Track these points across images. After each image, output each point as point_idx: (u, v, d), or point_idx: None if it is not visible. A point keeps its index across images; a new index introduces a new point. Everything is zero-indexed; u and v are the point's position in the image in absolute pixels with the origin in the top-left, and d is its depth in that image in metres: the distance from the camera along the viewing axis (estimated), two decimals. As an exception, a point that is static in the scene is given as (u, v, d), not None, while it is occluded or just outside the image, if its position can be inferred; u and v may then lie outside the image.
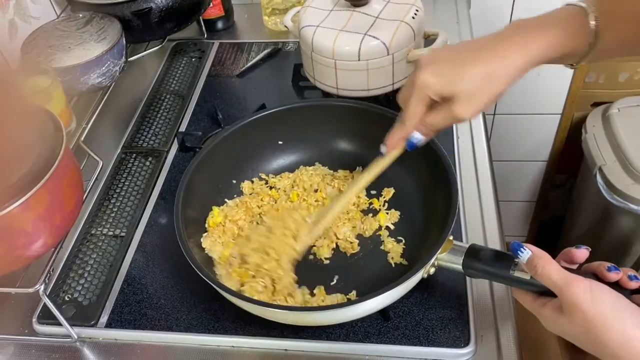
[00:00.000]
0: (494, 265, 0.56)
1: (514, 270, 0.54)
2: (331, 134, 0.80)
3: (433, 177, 0.69)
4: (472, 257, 0.58)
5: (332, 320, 0.62)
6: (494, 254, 0.57)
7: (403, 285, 0.58)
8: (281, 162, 0.81)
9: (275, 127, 0.78)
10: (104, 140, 0.91)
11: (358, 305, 0.57)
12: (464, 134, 0.86)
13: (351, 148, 0.80)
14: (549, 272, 0.49)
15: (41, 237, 0.57)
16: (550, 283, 0.49)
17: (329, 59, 0.83)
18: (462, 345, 0.61)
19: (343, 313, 0.59)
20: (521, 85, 1.33)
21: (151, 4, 0.91)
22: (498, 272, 0.55)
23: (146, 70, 1.05)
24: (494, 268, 0.56)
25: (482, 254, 0.57)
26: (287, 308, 0.61)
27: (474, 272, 0.58)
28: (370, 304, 0.57)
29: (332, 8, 0.88)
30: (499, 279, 0.56)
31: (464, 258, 0.58)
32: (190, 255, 0.61)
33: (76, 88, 0.81)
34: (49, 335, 0.67)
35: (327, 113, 0.79)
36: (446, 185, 0.65)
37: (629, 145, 1.23)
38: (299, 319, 0.61)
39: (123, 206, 0.79)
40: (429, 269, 0.60)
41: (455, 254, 0.58)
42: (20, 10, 0.89)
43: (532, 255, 0.51)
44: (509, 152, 1.51)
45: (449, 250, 0.59)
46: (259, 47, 1.07)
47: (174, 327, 0.65)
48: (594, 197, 1.29)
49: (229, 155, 0.76)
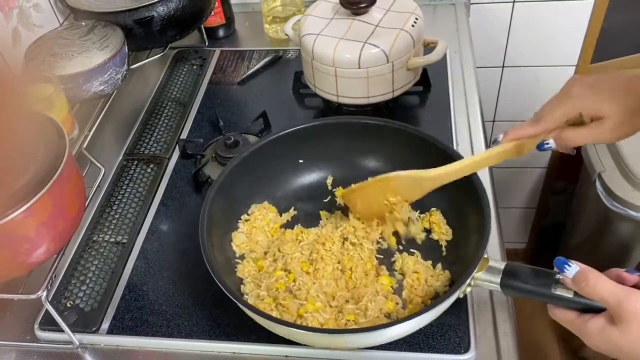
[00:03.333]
0: (534, 283, 0.54)
1: (555, 288, 0.53)
2: (353, 152, 0.78)
3: (463, 195, 0.68)
4: (510, 276, 0.56)
5: (364, 343, 0.60)
6: (533, 272, 0.55)
7: (441, 307, 0.57)
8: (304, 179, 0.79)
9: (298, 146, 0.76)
10: (106, 147, 0.91)
11: (394, 328, 0.56)
12: (463, 140, 0.86)
13: (375, 165, 0.78)
14: (603, 285, 0.48)
15: (44, 244, 0.58)
16: (605, 294, 0.48)
17: (329, 66, 0.84)
18: (462, 351, 0.61)
19: (377, 336, 0.58)
20: (520, 92, 1.35)
21: (153, 12, 0.92)
22: (539, 290, 0.54)
23: (148, 77, 1.05)
24: (534, 286, 0.54)
25: (520, 272, 0.56)
26: (321, 331, 0.60)
27: (512, 291, 0.56)
28: (407, 325, 0.56)
29: (333, 16, 0.88)
30: (540, 297, 0.55)
31: (501, 277, 0.56)
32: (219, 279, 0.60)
33: (79, 96, 0.82)
34: (50, 341, 0.67)
35: (343, 130, 0.77)
36: (477, 203, 0.64)
37: (628, 152, 1.23)
38: (332, 342, 0.60)
39: (125, 213, 0.80)
40: (465, 289, 0.59)
41: (493, 272, 0.57)
42: (23, 18, 0.90)
43: (580, 270, 0.50)
44: (508, 159, 1.51)
45: (485, 270, 0.57)
46: (259, 55, 1.07)
47: (175, 334, 0.66)
48: (593, 204, 1.29)
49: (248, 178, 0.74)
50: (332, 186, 0.78)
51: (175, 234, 0.77)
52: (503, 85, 1.35)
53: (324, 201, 0.77)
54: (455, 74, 0.98)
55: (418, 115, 0.93)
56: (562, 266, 0.51)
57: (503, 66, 1.32)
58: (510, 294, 0.58)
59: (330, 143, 0.77)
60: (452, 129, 0.87)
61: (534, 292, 0.55)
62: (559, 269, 0.51)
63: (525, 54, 1.29)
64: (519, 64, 1.31)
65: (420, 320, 0.57)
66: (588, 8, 1.19)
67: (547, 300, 0.54)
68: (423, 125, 0.90)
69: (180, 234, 0.77)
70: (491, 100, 1.38)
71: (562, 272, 0.51)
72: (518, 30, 1.25)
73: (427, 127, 0.88)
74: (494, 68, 1.32)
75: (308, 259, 0.69)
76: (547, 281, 0.53)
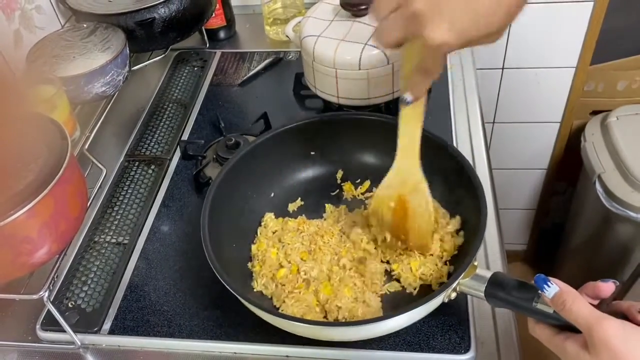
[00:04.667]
0: (517, 296, 0.54)
1: (537, 302, 0.53)
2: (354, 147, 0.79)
3: (459, 194, 0.69)
4: (495, 286, 0.56)
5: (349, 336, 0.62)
6: (517, 284, 0.55)
7: (423, 308, 0.57)
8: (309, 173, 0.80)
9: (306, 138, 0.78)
10: (107, 148, 0.92)
11: (381, 324, 0.57)
12: (463, 142, 0.87)
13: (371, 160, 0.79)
14: (578, 309, 0.47)
15: (46, 244, 0.58)
16: (579, 320, 0.47)
17: (330, 68, 0.84)
18: (462, 351, 0.61)
19: (369, 329, 0.59)
20: (520, 93, 1.36)
21: (154, 14, 0.92)
22: (520, 303, 0.54)
23: (149, 79, 1.06)
24: (516, 299, 0.54)
25: (505, 283, 0.56)
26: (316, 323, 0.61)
27: (496, 300, 0.57)
28: (391, 323, 0.57)
29: (333, 18, 0.89)
30: (521, 309, 0.55)
31: (486, 286, 0.57)
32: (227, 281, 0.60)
33: (80, 97, 0.82)
34: (52, 341, 0.68)
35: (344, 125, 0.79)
36: (475, 207, 0.64)
37: (628, 154, 1.23)
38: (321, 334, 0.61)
39: (126, 214, 0.80)
40: (450, 294, 0.59)
41: (478, 280, 0.57)
42: (25, 20, 0.90)
43: (559, 291, 0.49)
44: (508, 160, 1.52)
45: (472, 277, 0.58)
46: (260, 57, 1.08)
47: (176, 334, 0.66)
48: (593, 205, 1.29)
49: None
50: (341, 180, 0.79)
51: (176, 234, 0.78)
52: (503, 87, 1.35)
53: (332, 194, 0.78)
54: (455, 75, 0.99)
55: (418, 117, 0.93)
56: (542, 285, 0.50)
57: (503, 68, 1.32)
58: (494, 303, 0.58)
59: (341, 137, 0.78)
60: (452, 130, 0.88)
61: (516, 305, 0.55)
62: (538, 287, 0.50)
63: (525, 55, 1.29)
64: (518, 66, 1.31)
65: (399, 321, 0.58)
66: (588, 10, 1.20)
67: (528, 313, 0.54)
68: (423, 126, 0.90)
69: (181, 235, 0.77)
70: (491, 101, 1.39)
71: (542, 291, 0.50)
72: (518, 32, 1.25)
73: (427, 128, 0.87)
74: (494, 70, 1.33)
75: (307, 249, 0.70)
76: (529, 295, 0.53)
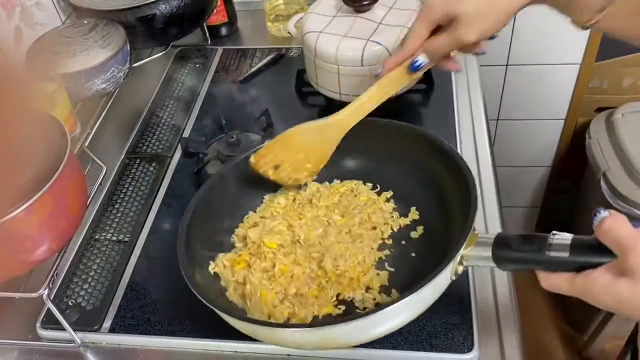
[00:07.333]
0: (526, 249, 0.51)
1: (549, 251, 0.49)
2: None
3: (444, 173, 0.67)
4: (501, 246, 0.52)
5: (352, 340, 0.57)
6: (524, 238, 0.52)
7: (428, 288, 0.52)
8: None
9: None
10: (108, 145, 0.91)
11: (382, 313, 0.52)
12: (467, 139, 0.86)
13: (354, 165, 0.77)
14: (618, 227, 0.45)
15: (46, 242, 0.58)
16: (619, 239, 0.44)
17: (332, 64, 0.84)
18: (465, 350, 0.60)
19: (365, 329, 0.55)
20: (524, 90, 1.35)
21: (155, 10, 0.92)
22: (532, 256, 0.50)
23: (150, 76, 1.05)
24: (527, 252, 0.51)
25: (511, 240, 0.52)
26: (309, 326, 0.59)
27: (507, 263, 0.53)
28: (395, 312, 0.53)
29: (335, 14, 0.88)
30: (535, 263, 0.51)
31: (492, 249, 0.52)
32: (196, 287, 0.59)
33: (81, 94, 0.82)
34: (52, 340, 0.67)
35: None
36: (460, 179, 0.61)
37: (633, 151, 1.23)
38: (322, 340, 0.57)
39: (127, 211, 0.80)
40: (456, 268, 0.55)
41: (483, 246, 0.53)
42: (25, 16, 0.90)
43: (604, 217, 0.46)
44: (512, 157, 1.51)
45: (475, 244, 0.54)
46: (262, 53, 1.07)
47: (177, 332, 0.65)
48: (598, 203, 1.29)
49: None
50: None
51: (177, 232, 0.77)
52: (507, 84, 1.35)
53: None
54: (458, 72, 0.98)
55: (421, 114, 0.92)
56: (596, 213, 0.47)
57: (507, 64, 1.31)
58: (505, 267, 0.54)
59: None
60: (455, 127, 0.87)
61: (528, 260, 0.51)
62: (594, 216, 0.47)
63: (530, 52, 1.28)
64: (523, 62, 1.30)
65: (406, 308, 0.54)
66: (593, 6, 1.19)
67: (542, 266, 0.50)
68: (426, 123, 0.89)
69: (182, 233, 0.77)
70: (495, 98, 1.38)
71: (593, 220, 0.47)
72: (522, 29, 1.24)
73: (430, 126, 0.87)
74: (497, 67, 1.32)
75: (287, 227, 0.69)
76: (539, 245, 0.50)
